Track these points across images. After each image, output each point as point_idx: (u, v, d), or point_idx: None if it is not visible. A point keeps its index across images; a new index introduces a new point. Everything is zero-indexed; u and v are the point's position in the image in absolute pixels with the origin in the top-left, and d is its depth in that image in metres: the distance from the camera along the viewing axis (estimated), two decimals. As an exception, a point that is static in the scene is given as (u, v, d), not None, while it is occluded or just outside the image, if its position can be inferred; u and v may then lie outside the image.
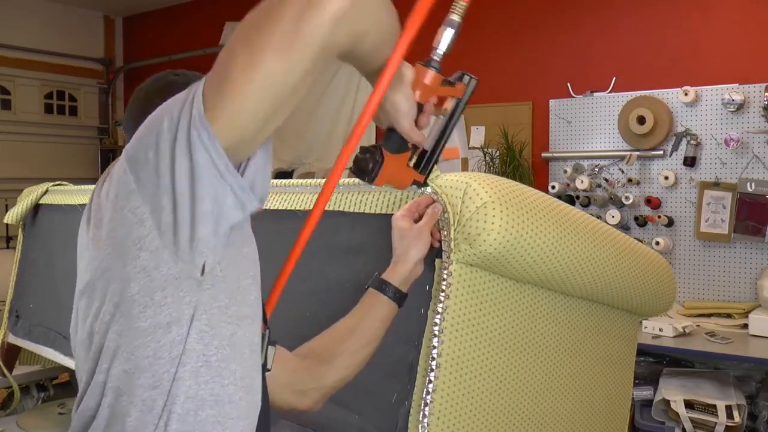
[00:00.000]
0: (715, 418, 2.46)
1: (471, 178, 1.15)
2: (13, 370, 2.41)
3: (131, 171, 0.78)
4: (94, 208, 0.86)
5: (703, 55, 3.27)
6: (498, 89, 3.94)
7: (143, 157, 0.77)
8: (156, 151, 0.75)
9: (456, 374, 1.12)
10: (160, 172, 0.75)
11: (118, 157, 0.84)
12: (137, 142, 0.79)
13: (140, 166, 0.77)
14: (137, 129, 0.83)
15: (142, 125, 0.79)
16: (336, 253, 1.34)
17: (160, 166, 0.75)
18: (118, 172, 0.81)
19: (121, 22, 6.22)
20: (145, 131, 0.78)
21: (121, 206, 0.79)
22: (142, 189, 0.77)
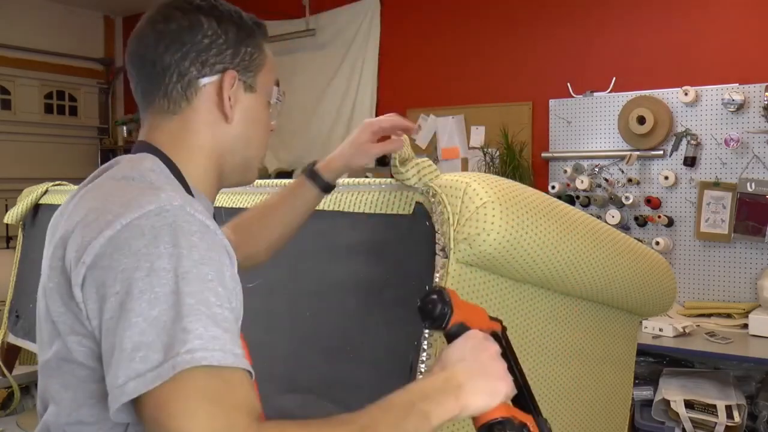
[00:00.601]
0: (715, 418, 2.46)
1: (471, 177, 1.15)
2: (13, 370, 2.41)
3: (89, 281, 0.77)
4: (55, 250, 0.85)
5: (703, 55, 3.27)
6: (498, 89, 3.94)
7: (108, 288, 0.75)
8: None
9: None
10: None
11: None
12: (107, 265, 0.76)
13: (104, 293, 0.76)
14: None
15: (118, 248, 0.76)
16: (336, 252, 1.34)
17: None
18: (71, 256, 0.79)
19: (121, 22, 6.21)
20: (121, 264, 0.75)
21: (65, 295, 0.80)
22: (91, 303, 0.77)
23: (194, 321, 0.71)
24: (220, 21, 0.96)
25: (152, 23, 0.95)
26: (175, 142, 0.95)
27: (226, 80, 0.95)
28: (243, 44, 0.98)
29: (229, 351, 0.71)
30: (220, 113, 0.96)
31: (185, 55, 0.94)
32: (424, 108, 4.18)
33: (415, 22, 4.30)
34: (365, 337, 1.25)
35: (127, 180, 0.86)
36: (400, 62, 4.34)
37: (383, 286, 1.25)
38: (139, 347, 0.70)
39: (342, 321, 1.31)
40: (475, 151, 3.95)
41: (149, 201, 0.79)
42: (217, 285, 0.75)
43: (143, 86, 0.97)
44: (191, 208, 0.80)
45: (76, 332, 0.80)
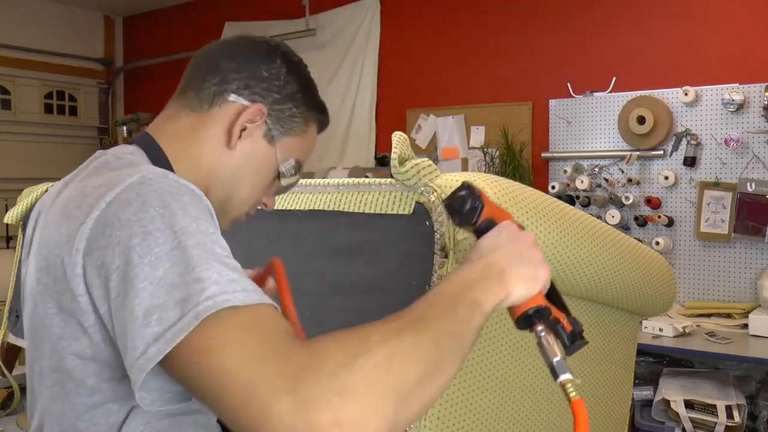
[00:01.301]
0: (715, 418, 2.46)
1: (471, 177, 1.15)
2: (13, 370, 2.41)
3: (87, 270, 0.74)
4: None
5: (703, 55, 3.27)
6: (498, 89, 3.94)
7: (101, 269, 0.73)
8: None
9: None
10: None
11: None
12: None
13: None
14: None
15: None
16: (336, 252, 1.34)
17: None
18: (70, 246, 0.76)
19: (121, 22, 6.22)
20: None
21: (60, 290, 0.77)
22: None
23: (206, 269, 0.67)
24: (290, 71, 0.96)
25: (240, 39, 0.98)
26: (179, 138, 0.93)
27: (252, 109, 0.93)
28: (293, 103, 0.97)
29: (251, 290, 0.68)
30: (226, 135, 0.93)
31: (238, 70, 0.94)
32: (424, 108, 4.19)
33: (415, 22, 4.30)
34: (365, 337, 1.25)
35: (103, 167, 0.84)
36: (400, 62, 4.34)
37: (383, 286, 1.25)
38: (152, 311, 0.66)
39: (342, 321, 1.31)
40: (475, 151, 3.95)
41: (129, 174, 0.76)
42: (219, 237, 0.73)
43: (187, 78, 0.97)
44: (173, 176, 0.78)
45: (68, 336, 0.77)
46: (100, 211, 0.73)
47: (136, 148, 0.91)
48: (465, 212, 0.86)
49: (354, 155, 4.49)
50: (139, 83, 6.09)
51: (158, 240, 0.69)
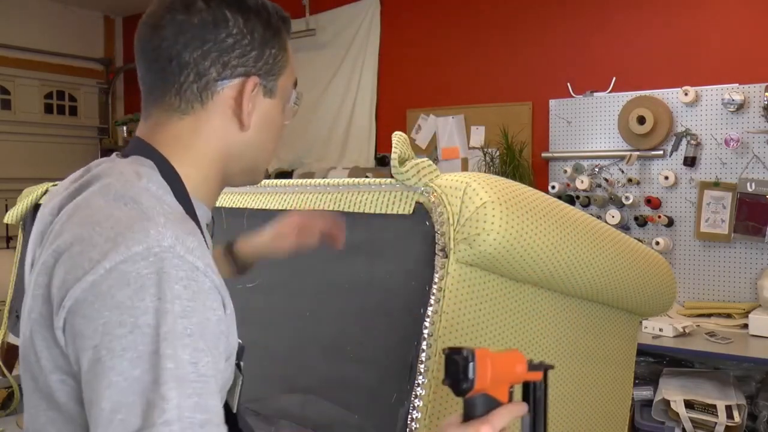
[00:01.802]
0: (715, 418, 2.46)
1: (471, 177, 1.15)
2: (13, 370, 2.41)
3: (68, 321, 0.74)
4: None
5: (703, 55, 3.27)
6: (498, 89, 3.94)
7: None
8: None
9: (456, 374, 1.12)
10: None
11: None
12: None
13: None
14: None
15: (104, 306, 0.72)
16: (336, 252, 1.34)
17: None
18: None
19: (121, 22, 6.22)
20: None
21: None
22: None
23: (173, 388, 0.69)
24: (246, 18, 0.89)
25: (171, 11, 0.87)
26: (180, 144, 0.89)
27: (248, 87, 0.89)
28: (268, 46, 0.91)
29: (196, 425, 0.70)
30: (235, 120, 0.90)
31: (206, 53, 0.87)
32: (424, 108, 4.19)
33: (415, 22, 4.30)
34: (365, 337, 1.25)
35: (118, 201, 0.79)
36: (400, 62, 4.34)
37: (383, 286, 1.25)
38: (119, 409, 0.68)
39: (342, 321, 1.31)
40: (475, 151, 3.95)
41: (136, 239, 0.73)
42: (197, 339, 0.72)
43: (153, 79, 0.90)
44: (181, 248, 0.75)
45: (59, 369, 0.77)
46: (97, 277, 0.72)
47: (151, 176, 0.84)
48: (451, 383, 0.84)
49: (354, 155, 4.49)
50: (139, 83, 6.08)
51: (145, 338, 0.70)
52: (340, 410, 1.23)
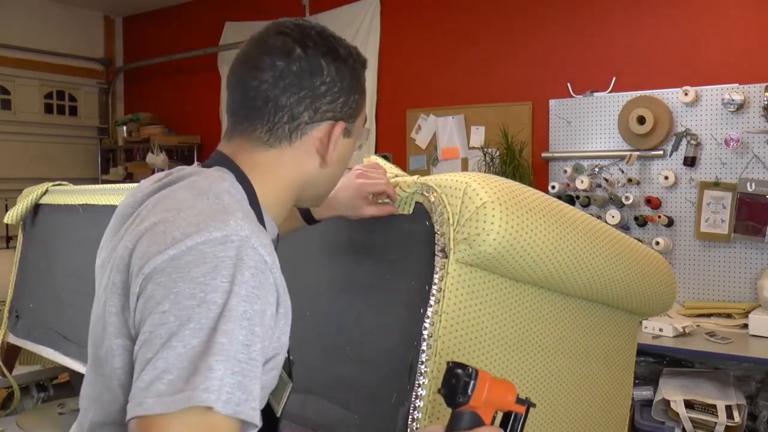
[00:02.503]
0: (715, 418, 2.46)
1: (471, 177, 1.15)
2: (13, 370, 2.41)
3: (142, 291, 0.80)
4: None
5: (703, 55, 3.27)
6: (498, 89, 3.94)
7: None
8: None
9: (456, 374, 1.12)
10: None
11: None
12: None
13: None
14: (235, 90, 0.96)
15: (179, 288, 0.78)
16: (336, 252, 1.34)
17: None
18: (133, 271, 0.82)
19: (121, 22, 6.22)
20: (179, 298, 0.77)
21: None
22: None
23: (220, 361, 0.73)
24: (338, 67, 0.96)
25: (271, 56, 0.94)
26: (262, 170, 0.96)
27: (335, 131, 0.97)
28: (354, 91, 0.99)
29: (233, 402, 0.74)
30: (317, 156, 0.98)
31: (301, 99, 0.94)
32: (424, 108, 4.19)
33: (415, 22, 4.30)
34: (365, 337, 1.25)
35: (201, 196, 0.87)
36: (400, 62, 4.34)
37: (383, 286, 1.25)
38: (171, 370, 0.73)
39: (342, 321, 1.31)
40: (475, 151, 3.95)
41: (217, 227, 0.80)
42: (255, 324, 0.78)
43: (245, 113, 0.96)
44: (256, 240, 0.81)
45: (123, 334, 0.83)
46: (178, 251, 0.79)
47: (233, 184, 0.92)
48: (446, 395, 0.90)
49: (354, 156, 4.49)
50: (139, 83, 6.09)
51: (210, 313, 0.75)
52: (340, 410, 1.23)
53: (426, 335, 1.12)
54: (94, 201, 2.06)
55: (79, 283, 2.03)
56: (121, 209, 0.97)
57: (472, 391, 0.87)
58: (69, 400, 2.41)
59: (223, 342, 0.74)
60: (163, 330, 0.75)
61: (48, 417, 2.28)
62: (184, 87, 5.60)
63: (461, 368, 0.89)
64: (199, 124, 5.53)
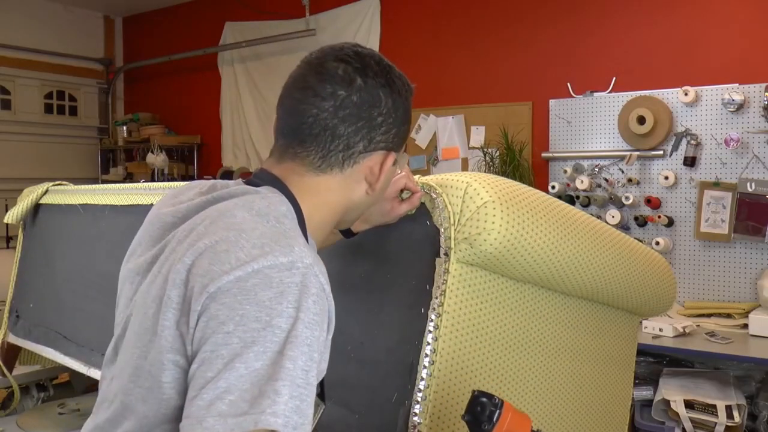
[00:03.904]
0: (715, 418, 2.46)
1: (471, 177, 1.15)
2: (13, 370, 2.41)
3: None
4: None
5: (703, 55, 3.28)
6: (498, 89, 3.94)
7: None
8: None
9: (455, 374, 1.12)
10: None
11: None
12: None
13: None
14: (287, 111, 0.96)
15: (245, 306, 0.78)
16: (336, 252, 1.34)
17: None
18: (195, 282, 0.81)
19: (121, 22, 6.22)
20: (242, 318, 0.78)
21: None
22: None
23: (286, 386, 0.75)
24: (395, 100, 0.98)
25: (332, 84, 0.94)
26: (310, 193, 0.96)
27: (388, 162, 0.99)
28: (405, 122, 1.01)
29: (290, 425, 0.74)
30: (365, 183, 0.99)
31: (359, 130, 0.95)
32: (424, 108, 4.19)
33: (415, 22, 4.30)
34: (366, 337, 1.25)
35: (262, 218, 0.87)
36: (400, 62, 4.30)
37: (384, 286, 1.25)
38: (233, 390, 0.73)
39: (342, 321, 1.31)
40: (475, 151, 3.95)
41: (283, 252, 0.81)
42: (313, 350, 0.79)
43: (298, 137, 0.96)
44: (318, 268, 0.83)
45: (176, 349, 0.82)
46: (244, 273, 0.79)
47: (289, 209, 0.92)
48: (473, 427, 0.93)
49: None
50: (139, 83, 6.09)
51: (274, 337, 0.76)
52: (341, 410, 1.23)
53: (429, 336, 1.12)
54: (94, 201, 2.06)
55: (79, 283, 2.03)
56: (161, 216, 0.97)
57: (497, 420, 0.91)
58: (69, 400, 2.40)
59: (289, 367, 0.75)
60: (225, 350, 0.75)
61: (48, 417, 2.28)
62: (184, 87, 5.60)
63: (487, 397, 0.93)
64: (199, 124, 5.53)
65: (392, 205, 1.18)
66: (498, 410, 0.92)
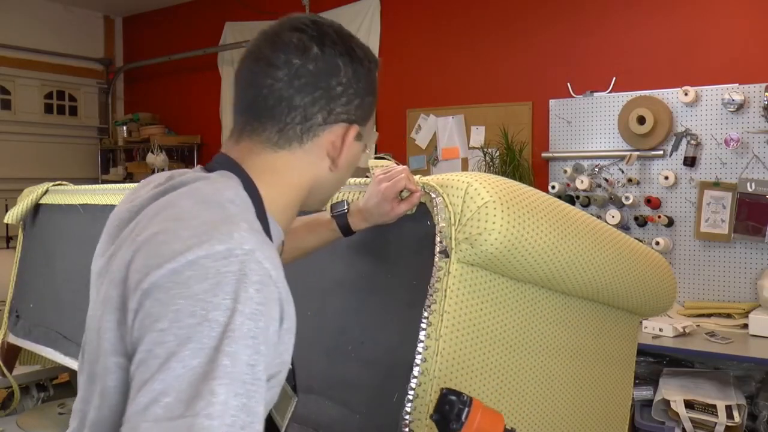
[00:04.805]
0: (715, 418, 2.46)
1: (472, 177, 1.15)
2: (13, 370, 2.41)
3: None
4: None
5: (703, 55, 3.28)
6: (498, 89, 3.94)
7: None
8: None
9: (455, 374, 1.12)
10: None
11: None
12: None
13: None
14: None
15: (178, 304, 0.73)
16: (336, 252, 1.34)
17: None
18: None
19: (121, 22, 6.22)
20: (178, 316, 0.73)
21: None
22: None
23: (223, 384, 0.70)
24: (355, 69, 0.93)
25: (287, 53, 0.90)
26: (269, 173, 0.92)
27: (350, 134, 0.94)
28: (368, 94, 0.96)
29: (237, 425, 0.70)
30: (327, 159, 0.95)
31: (316, 100, 0.91)
32: (424, 108, 4.19)
33: (415, 22, 4.30)
34: (365, 337, 1.25)
35: (205, 205, 0.82)
36: (400, 62, 4.34)
37: (384, 286, 1.25)
38: (169, 392, 0.69)
39: (342, 320, 1.31)
40: (475, 151, 3.95)
41: (221, 240, 0.76)
42: (260, 342, 0.74)
43: (254, 113, 0.92)
44: (261, 254, 0.77)
45: (118, 351, 0.79)
46: (178, 265, 0.74)
47: (238, 193, 0.87)
48: (440, 423, 0.90)
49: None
50: (139, 83, 6.09)
51: (211, 332, 0.71)
52: (342, 410, 1.23)
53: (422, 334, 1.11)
54: (94, 201, 2.06)
55: (79, 283, 2.03)
56: (118, 214, 0.92)
57: (466, 418, 0.87)
58: (69, 400, 2.40)
59: (226, 364, 0.70)
60: (161, 350, 0.71)
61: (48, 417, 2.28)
62: (184, 87, 5.60)
63: (455, 395, 0.88)
64: (199, 124, 5.53)
65: (392, 205, 1.17)
66: (467, 408, 0.88)
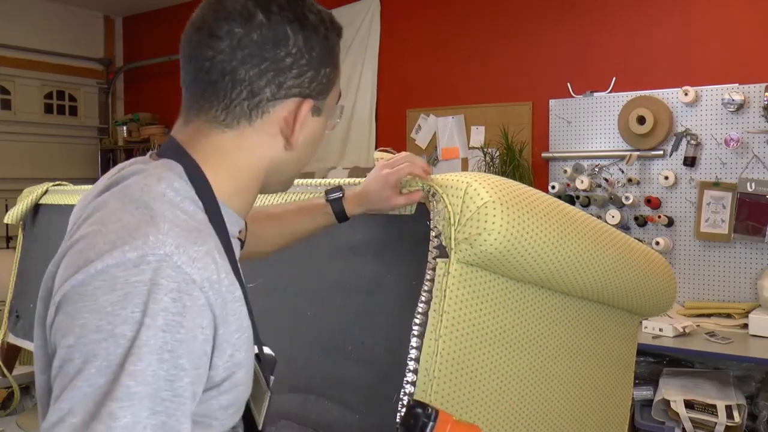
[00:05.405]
0: (715, 418, 2.46)
1: (472, 177, 1.15)
2: (13, 370, 2.41)
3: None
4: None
5: (703, 55, 3.28)
6: (498, 89, 3.94)
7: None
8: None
9: (455, 374, 1.12)
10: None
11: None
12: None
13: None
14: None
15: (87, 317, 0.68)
16: (337, 252, 1.34)
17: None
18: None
19: (121, 22, 6.22)
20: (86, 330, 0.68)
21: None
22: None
23: (126, 407, 0.65)
24: (306, 37, 0.84)
25: (229, 21, 0.82)
26: (218, 155, 0.85)
27: (302, 110, 0.86)
28: (324, 65, 0.87)
29: None
30: (281, 137, 0.87)
31: (262, 72, 0.82)
32: (424, 108, 4.19)
33: (415, 23, 4.30)
34: (365, 337, 1.25)
35: (130, 206, 0.76)
36: (400, 62, 4.34)
37: (383, 286, 1.25)
38: (75, 412, 0.65)
39: (342, 321, 1.31)
40: (475, 151, 3.95)
41: (134, 246, 0.70)
42: (179, 356, 0.69)
43: (199, 89, 0.84)
44: (180, 257, 0.71)
45: (46, 370, 0.75)
46: (86, 276, 0.70)
47: (171, 185, 0.80)
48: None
49: (354, 155, 4.49)
50: (139, 83, 6.09)
51: (117, 348, 0.66)
52: (341, 410, 1.23)
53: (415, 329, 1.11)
54: (94, 201, 2.06)
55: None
56: (74, 212, 0.86)
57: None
58: (69, 400, 2.41)
59: (128, 384, 0.65)
60: (69, 367, 0.66)
61: (48, 417, 2.28)
62: (184, 87, 5.59)
63: (421, 408, 0.83)
64: (199, 124, 5.52)
65: (391, 192, 1.15)
66: (431, 422, 0.82)
